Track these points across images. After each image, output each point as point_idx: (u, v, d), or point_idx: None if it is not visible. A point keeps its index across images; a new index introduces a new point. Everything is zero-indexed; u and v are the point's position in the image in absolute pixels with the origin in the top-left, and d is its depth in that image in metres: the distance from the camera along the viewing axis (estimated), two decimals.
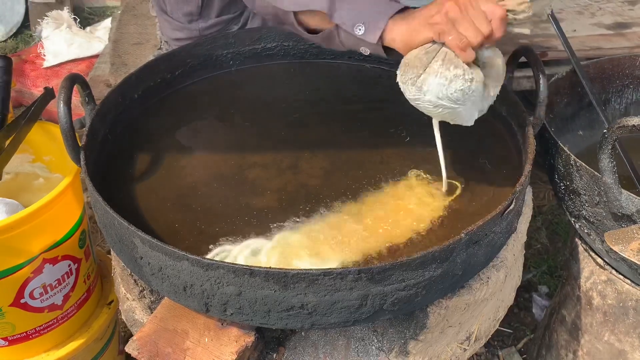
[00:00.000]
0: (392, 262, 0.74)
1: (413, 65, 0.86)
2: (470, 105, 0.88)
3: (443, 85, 0.85)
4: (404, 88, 0.89)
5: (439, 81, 0.85)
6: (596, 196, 1.00)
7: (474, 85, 0.86)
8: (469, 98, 0.87)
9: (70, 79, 0.95)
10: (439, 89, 0.85)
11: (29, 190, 1.34)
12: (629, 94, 1.44)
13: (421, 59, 0.86)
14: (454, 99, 0.86)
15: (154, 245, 0.78)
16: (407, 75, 0.87)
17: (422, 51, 0.87)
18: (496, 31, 0.84)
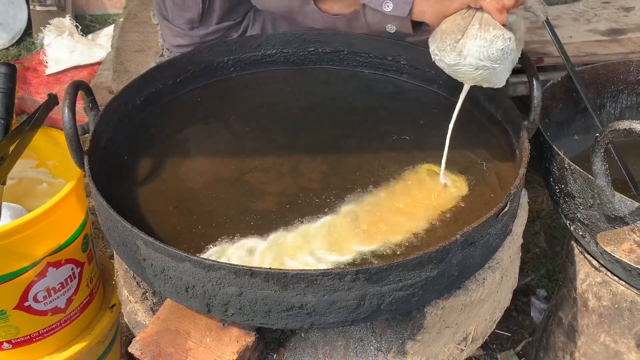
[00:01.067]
0: (389, 263, 0.76)
1: (450, 31, 0.91)
2: (508, 64, 0.93)
3: (484, 47, 0.90)
4: (441, 56, 0.93)
5: (480, 43, 0.90)
6: (590, 199, 1.02)
7: (512, 44, 0.91)
8: (508, 57, 0.92)
9: (75, 85, 0.97)
10: (480, 50, 0.90)
11: (33, 195, 1.36)
12: (623, 99, 1.46)
13: (459, 24, 0.91)
14: (494, 58, 0.90)
15: (157, 247, 0.80)
16: (445, 43, 0.92)
17: (458, 17, 0.91)
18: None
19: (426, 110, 1.24)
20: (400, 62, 1.31)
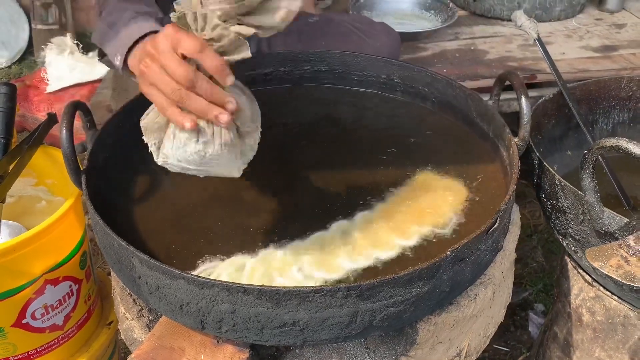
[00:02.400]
0: (380, 279, 0.77)
1: (151, 130, 0.81)
2: (217, 166, 0.81)
3: (179, 149, 0.78)
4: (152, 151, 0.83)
5: (175, 144, 0.78)
6: (580, 215, 1.03)
7: (210, 149, 0.77)
8: (211, 161, 0.79)
9: (73, 105, 0.99)
10: (176, 152, 0.78)
11: (32, 213, 1.37)
12: (615, 115, 1.48)
13: (158, 122, 0.80)
14: (192, 161, 0.79)
15: (151, 264, 0.81)
16: (150, 140, 0.81)
17: (155, 116, 0.80)
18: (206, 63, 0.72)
19: (420, 127, 1.26)
20: (394, 80, 1.33)
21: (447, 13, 1.98)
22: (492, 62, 1.75)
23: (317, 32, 1.56)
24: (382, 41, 1.53)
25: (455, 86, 1.23)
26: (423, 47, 1.86)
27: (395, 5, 2.11)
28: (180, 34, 0.72)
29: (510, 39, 1.91)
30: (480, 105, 1.17)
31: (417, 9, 2.11)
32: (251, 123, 0.82)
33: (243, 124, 0.80)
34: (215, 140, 0.77)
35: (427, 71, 1.28)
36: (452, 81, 1.24)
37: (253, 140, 0.83)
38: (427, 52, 1.84)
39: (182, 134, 0.77)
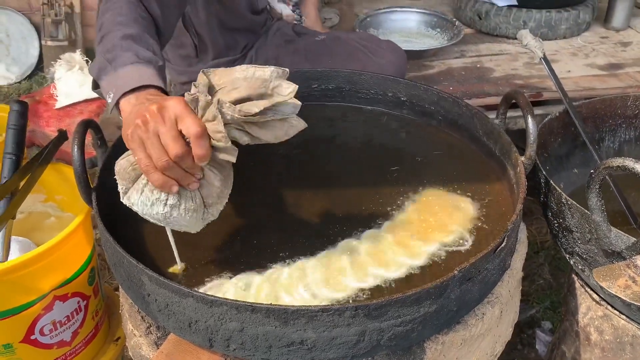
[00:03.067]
0: (387, 299, 0.78)
1: (122, 177, 0.84)
2: (178, 225, 0.85)
3: (145, 205, 0.82)
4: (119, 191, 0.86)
5: (142, 199, 0.81)
6: (587, 233, 1.03)
7: (175, 212, 0.81)
8: (174, 222, 0.83)
9: (84, 124, 1.01)
10: (142, 207, 0.82)
11: (41, 228, 1.39)
12: (622, 133, 1.48)
13: (129, 173, 0.82)
14: (157, 218, 0.83)
15: (160, 282, 0.82)
16: (119, 184, 0.85)
17: (129, 166, 0.83)
18: (195, 150, 0.76)
19: (427, 145, 1.27)
20: (401, 98, 1.34)
21: (453, 31, 2.00)
22: (498, 80, 1.77)
23: (324, 50, 1.58)
24: (389, 59, 1.55)
25: (461, 104, 1.24)
26: (429, 65, 1.88)
27: (402, 23, 2.13)
28: (189, 114, 0.76)
29: (516, 56, 1.93)
30: (487, 124, 1.18)
31: (423, 27, 2.13)
32: (217, 198, 0.85)
33: (208, 196, 0.84)
34: (181, 205, 0.81)
35: (433, 89, 1.29)
36: (458, 99, 1.25)
37: (215, 210, 0.87)
38: (433, 70, 1.85)
39: (151, 194, 0.81)
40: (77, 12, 3.30)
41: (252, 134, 0.80)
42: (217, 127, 0.76)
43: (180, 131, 0.76)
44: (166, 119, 0.76)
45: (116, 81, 0.89)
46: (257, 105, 0.76)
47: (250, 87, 0.77)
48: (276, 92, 0.78)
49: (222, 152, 0.79)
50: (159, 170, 0.77)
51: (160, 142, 0.76)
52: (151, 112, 0.77)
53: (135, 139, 0.78)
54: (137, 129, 0.78)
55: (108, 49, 0.93)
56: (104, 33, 0.97)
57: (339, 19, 2.27)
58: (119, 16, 0.99)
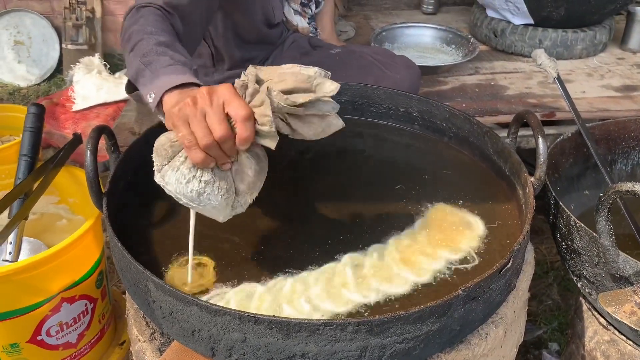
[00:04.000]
0: (390, 315, 0.78)
1: (159, 153, 0.85)
2: (211, 208, 0.86)
3: (180, 183, 0.83)
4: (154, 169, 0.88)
5: (177, 177, 0.83)
6: (595, 257, 1.03)
7: (209, 189, 0.83)
8: (206, 201, 0.85)
9: (98, 130, 1.03)
10: (177, 185, 0.84)
11: (52, 230, 1.41)
12: (635, 156, 1.47)
13: (167, 150, 0.84)
14: (189, 198, 0.84)
15: (166, 290, 0.82)
16: (155, 161, 0.86)
17: (167, 142, 0.85)
18: (241, 133, 0.79)
19: (437, 161, 1.27)
20: (412, 114, 1.35)
21: (468, 48, 2.00)
22: (511, 98, 1.76)
23: (338, 63, 1.59)
24: (403, 74, 1.56)
25: (472, 122, 1.24)
26: (443, 81, 1.88)
27: (417, 38, 2.14)
28: (237, 97, 0.80)
29: (530, 75, 1.92)
30: (498, 143, 1.18)
31: (438, 43, 2.13)
32: (247, 188, 0.88)
33: (240, 183, 0.87)
34: (214, 183, 0.84)
35: (445, 106, 1.30)
36: (470, 117, 1.25)
37: (244, 201, 0.89)
38: (447, 86, 1.85)
39: (188, 171, 0.83)
40: (98, 17, 3.36)
41: (292, 127, 0.84)
42: (265, 111, 0.79)
43: (226, 114, 0.80)
44: (214, 101, 0.80)
45: (157, 82, 0.92)
46: (302, 96, 0.81)
47: (297, 80, 0.82)
48: (319, 89, 0.83)
49: (264, 137, 0.82)
50: (201, 148, 0.80)
51: (205, 121, 0.79)
52: (201, 94, 0.81)
53: (182, 115, 0.81)
54: (185, 107, 0.81)
55: (144, 53, 0.97)
56: (136, 41, 1.00)
57: (354, 32, 2.28)
58: (148, 27, 1.04)
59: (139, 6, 1.09)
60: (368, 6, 2.61)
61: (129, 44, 1.03)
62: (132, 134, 1.59)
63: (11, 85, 3.29)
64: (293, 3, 1.74)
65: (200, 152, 0.80)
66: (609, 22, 2.07)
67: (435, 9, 2.50)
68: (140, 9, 1.08)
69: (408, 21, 2.25)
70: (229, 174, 0.86)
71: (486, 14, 2.14)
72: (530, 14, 1.98)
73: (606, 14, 2.01)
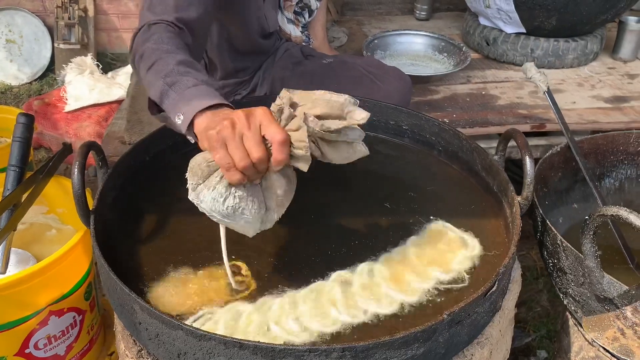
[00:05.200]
0: (375, 341, 0.78)
1: (194, 172, 0.88)
2: (244, 223, 0.90)
3: (217, 201, 0.86)
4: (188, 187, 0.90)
5: (213, 195, 0.86)
6: (581, 277, 1.04)
7: (243, 203, 0.87)
8: (240, 216, 0.88)
9: (86, 146, 1.03)
10: (212, 203, 0.87)
11: (41, 241, 1.40)
12: (623, 170, 1.48)
13: (203, 169, 0.87)
14: (224, 214, 0.87)
15: (152, 313, 0.83)
16: (189, 179, 0.89)
17: (204, 162, 0.87)
18: (276, 156, 0.83)
19: (426, 175, 1.27)
20: (402, 127, 1.35)
21: (460, 57, 2.00)
22: (502, 109, 1.77)
23: (330, 74, 1.59)
24: (394, 86, 1.56)
25: (461, 138, 1.25)
26: (435, 90, 1.88)
27: (409, 46, 2.14)
28: (273, 122, 0.83)
29: (522, 84, 1.93)
30: (486, 160, 1.18)
31: (430, 51, 2.13)
32: (275, 206, 0.92)
33: (270, 200, 0.91)
34: (248, 197, 0.88)
35: (434, 120, 1.30)
36: (459, 132, 1.25)
37: (272, 217, 0.93)
38: (438, 95, 1.86)
39: (225, 190, 0.86)
40: (91, 16, 3.34)
41: (322, 151, 0.88)
42: (302, 137, 0.83)
43: (262, 137, 0.82)
44: (252, 124, 0.83)
45: (185, 103, 0.93)
46: (335, 123, 0.85)
47: (329, 107, 0.85)
48: (349, 117, 0.86)
49: (298, 160, 0.85)
50: (238, 170, 0.83)
51: (243, 144, 0.82)
52: (239, 116, 0.83)
53: (220, 138, 0.83)
54: (223, 130, 0.83)
55: (166, 73, 0.97)
56: (155, 59, 1.01)
57: (347, 38, 2.28)
58: (162, 44, 1.04)
59: (149, 23, 1.09)
60: (361, 11, 2.61)
61: (144, 62, 1.03)
62: (122, 144, 1.59)
63: (2, 84, 3.27)
64: (287, 12, 1.74)
65: (238, 173, 0.83)
66: (600, 31, 2.08)
67: (428, 14, 2.50)
68: (151, 26, 1.08)
69: (400, 28, 2.25)
70: (259, 189, 0.89)
71: (479, 22, 2.14)
72: (522, 23, 1.98)
73: (598, 23, 2.01)
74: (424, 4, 2.48)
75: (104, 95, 2.84)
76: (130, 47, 1.11)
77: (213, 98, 0.92)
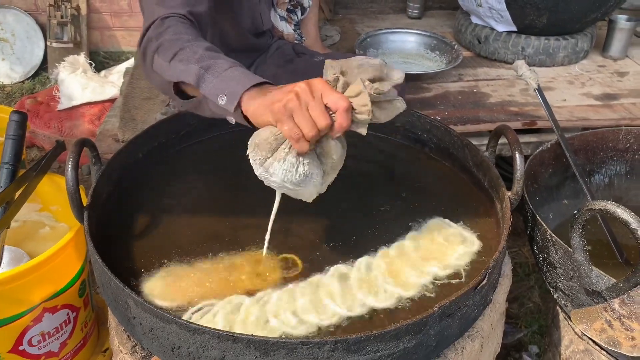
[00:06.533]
0: (367, 334, 0.79)
1: (262, 147, 0.91)
2: (312, 187, 0.95)
3: (289, 171, 0.90)
4: (252, 164, 0.94)
5: (285, 167, 0.90)
6: (570, 271, 1.05)
7: (311, 169, 0.92)
8: (310, 182, 0.93)
9: (80, 143, 1.03)
10: (284, 174, 0.91)
11: (35, 238, 1.40)
12: (612, 166, 1.50)
13: (270, 143, 0.90)
14: (296, 182, 0.92)
15: (145, 307, 0.83)
16: (255, 155, 0.92)
17: (271, 136, 0.90)
18: (341, 122, 0.87)
19: (419, 172, 1.28)
20: (395, 124, 1.36)
21: (452, 55, 2.02)
22: (493, 106, 1.78)
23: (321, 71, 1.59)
24: None
25: (453, 134, 1.26)
26: (427, 88, 1.90)
27: (401, 44, 2.15)
28: (334, 90, 0.88)
29: (513, 82, 1.95)
30: (477, 156, 1.20)
31: (422, 49, 2.14)
32: (330, 169, 0.97)
33: (326, 164, 0.95)
34: (313, 163, 0.93)
35: (426, 118, 1.31)
36: (450, 129, 1.27)
37: (328, 181, 0.98)
38: (430, 93, 1.87)
39: (295, 160, 0.91)
40: (83, 14, 3.33)
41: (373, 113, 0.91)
42: (364, 101, 0.87)
43: (325, 105, 0.86)
44: (315, 94, 0.86)
45: (225, 83, 0.96)
46: (384, 85, 0.90)
47: (374, 70, 0.90)
48: (389, 77, 0.91)
49: (358, 125, 0.90)
50: (306, 139, 0.87)
51: (309, 114, 0.86)
52: (302, 88, 0.87)
53: (287, 110, 0.86)
54: (290, 101, 0.86)
55: (197, 59, 1.00)
56: (178, 48, 1.03)
57: (339, 36, 2.28)
58: (182, 34, 1.07)
59: (162, 17, 1.10)
60: (354, 10, 2.62)
61: (163, 54, 1.04)
62: (116, 141, 1.59)
63: None
64: (279, 9, 1.74)
65: (306, 142, 0.87)
66: (590, 29, 2.10)
67: (420, 13, 2.51)
68: (164, 20, 1.10)
69: (393, 26, 2.26)
70: (315, 155, 0.93)
71: (470, 21, 2.15)
72: (513, 22, 2.00)
73: (588, 22, 2.03)
74: (416, 2, 2.49)
75: (97, 94, 2.83)
76: (139, 43, 1.12)
77: (253, 77, 0.95)
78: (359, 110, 0.87)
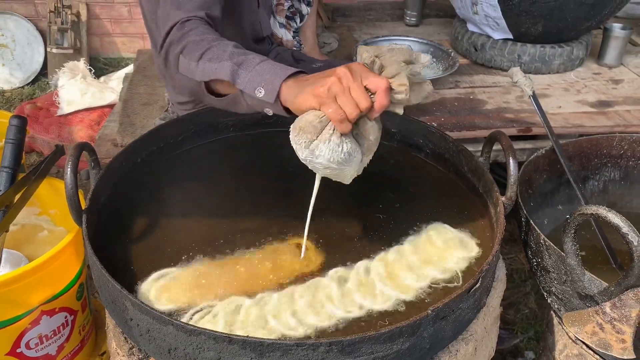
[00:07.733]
0: (361, 335, 0.80)
1: (307, 130, 0.94)
2: (354, 166, 0.99)
3: (334, 151, 0.94)
4: (296, 148, 0.97)
5: (331, 147, 0.93)
6: (563, 275, 1.06)
7: (353, 147, 0.95)
8: (353, 159, 0.97)
9: (79, 147, 1.04)
10: (331, 154, 0.94)
11: (33, 242, 1.41)
12: (607, 172, 1.51)
13: (315, 126, 0.93)
14: (341, 161, 0.95)
15: (143, 309, 0.84)
16: (300, 139, 0.95)
17: (315, 119, 0.93)
18: (381, 101, 0.91)
19: (415, 177, 1.30)
20: (391, 129, 1.37)
21: (449, 62, 2.03)
22: (489, 113, 1.80)
23: None
24: None
25: (448, 140, 1.27)
26: None
27: None
28: (372, 72, 0.92)
29: (509, 89, 1.96)
30: (472, 162, 1.21)
31: None
32: (367, 150, 1.00)
33: (363, 145, 0.98)
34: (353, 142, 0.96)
35: (422, 123, 1.33)
36: (446, 135, 1.28)
37: (365, 161, 1.02)
38: (427, 99, 1.88)
39: (339, 140, 0.94)
40: (84, 20, 3.36)
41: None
42: (403, 81, 0.91)
43: (365, 87, 0.90)
44: (355, 77, 0.90)
45: (260, 76, 0.99)
46: (416, 67, 0.95)
47: (404, 54, 0.95)
48: (418, 60, 0.96)
49: (395, 106, 0.94)
50: (349, 120, 0.91)
51: (351, 96, 0.90)
52: (343, 72, 0.91)
53: (331, 93, 0.90)
54: (333, 85, 0.90)
55: (228, 56, 1.03)
56: (205, 48, 1.07)
57: (337, 43, 2.30)
58: (206, 35, 1.11)
59: (182, 20, 1.14)
60: (352, 17, 2.64)
61: (189, 54, 1.07)
62: (115, 146, 1.60)
63: None
64: (279, 16, 1.76)
65: (349, 123, 0.91)
66: (586, 37, 2.12)
67: (418, 20, 2.53)
68: (185, 23, 1.13)
69: (390, 34, 2.28)
70: (352, 137, 0.96)
71: (467, 28, 2.17)
72: (509, 29, 2.01)
73: (583, 30, 2.05)
74: (413, 10, 2.51)
75: (96, 99, 2.85)
76: (160, 47, 1.15)
77: (287, 69, 0.99)
78: (397, 90, 0.91)
